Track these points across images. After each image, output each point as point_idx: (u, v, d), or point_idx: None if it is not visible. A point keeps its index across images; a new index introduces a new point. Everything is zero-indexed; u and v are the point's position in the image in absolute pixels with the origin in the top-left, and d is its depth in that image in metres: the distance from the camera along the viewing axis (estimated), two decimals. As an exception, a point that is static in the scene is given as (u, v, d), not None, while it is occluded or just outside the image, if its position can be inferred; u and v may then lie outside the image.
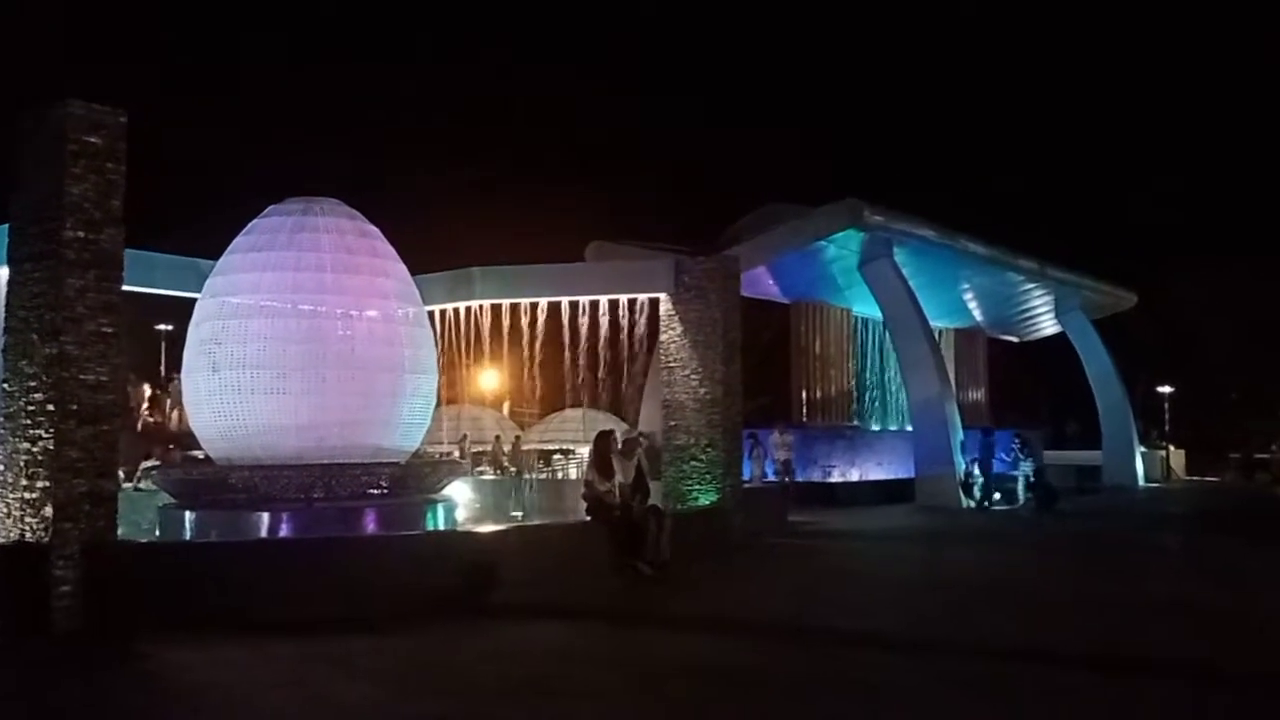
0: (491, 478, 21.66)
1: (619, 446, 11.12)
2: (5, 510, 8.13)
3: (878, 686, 6.09)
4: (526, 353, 16.18)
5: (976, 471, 20.81)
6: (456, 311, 14.86)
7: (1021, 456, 21.20)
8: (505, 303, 14.94)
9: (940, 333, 28.02)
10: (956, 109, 56.09)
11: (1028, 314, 31.46)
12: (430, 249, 16.03)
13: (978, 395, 31.25)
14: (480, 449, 26.81)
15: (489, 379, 33.74)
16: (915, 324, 22.24)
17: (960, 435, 21.34)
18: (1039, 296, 29.67)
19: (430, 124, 50.12)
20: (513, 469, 23.35)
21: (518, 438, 27.38)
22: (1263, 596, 9.59)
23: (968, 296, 28.34)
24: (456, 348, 15.07)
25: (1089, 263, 30.38)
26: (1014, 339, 34.39)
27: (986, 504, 20.37)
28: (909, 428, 23.84)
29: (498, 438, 26.95)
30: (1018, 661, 6.76)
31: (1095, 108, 58.70)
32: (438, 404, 13.23)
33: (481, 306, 14.89)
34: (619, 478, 10.70)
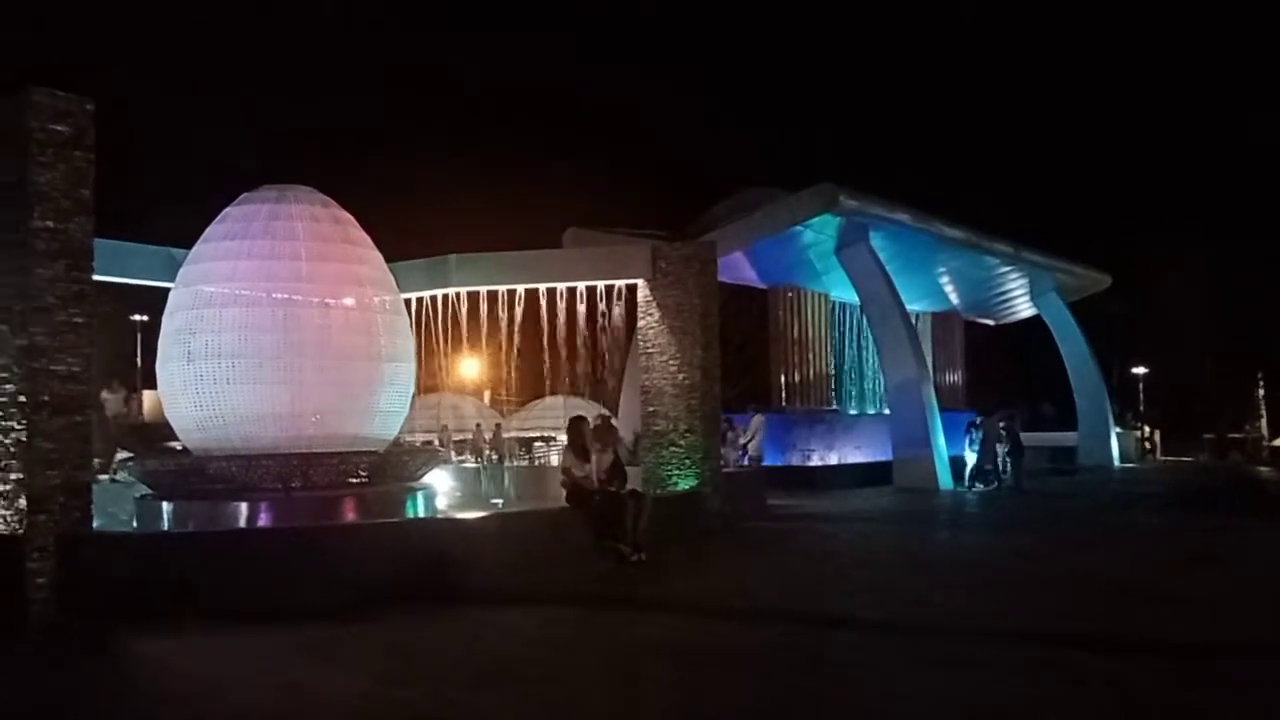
0: (472, 465, 21.66)
1: (592, 432, 11.13)
2: (-22, 503, 8.08)
3: (851, 665, 6.18)
4: (505, 340, 16.16)
5: (977, 452, 20.92)
6: (434, 299, 14.82)
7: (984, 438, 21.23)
8: (483, 290, 14.91)
9: (917, 316, 28.21)
10: (931, 95, 56.29)
11: (1003, 297, 31.69)
12: (405, 236, 15.99)
13: (954, 378, 31.48)
14: (461, 437, 26.79)
15: (468, 367, 33.69)
16: (892, 308, 22.35)
17: (938, 417, 21.52)
18: (1014, 280, 29.88)
19: (403, 109, 49.83)
20: (494, 456, 23.37)
21: (498, 425, 27.38)
22: (1218, 575, 9.77)
23: (944, 280, 28.51)
24: (434, 335, 15.04)
25: (1063, 245, 30.68)
26: (990, 322, 34.64)
27: (980, 485, 20.54)
28: (886, 411, 24.00)
29: (478, 425, 26.93)
30: (991, 640, 6.87)
31: (1071, 94, 59.05)
32: (417, 392, 13.21)
33: (459, 294, 14.85)
34: (595, 462, 10.73)
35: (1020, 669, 6.05)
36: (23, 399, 7.82)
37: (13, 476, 7.82)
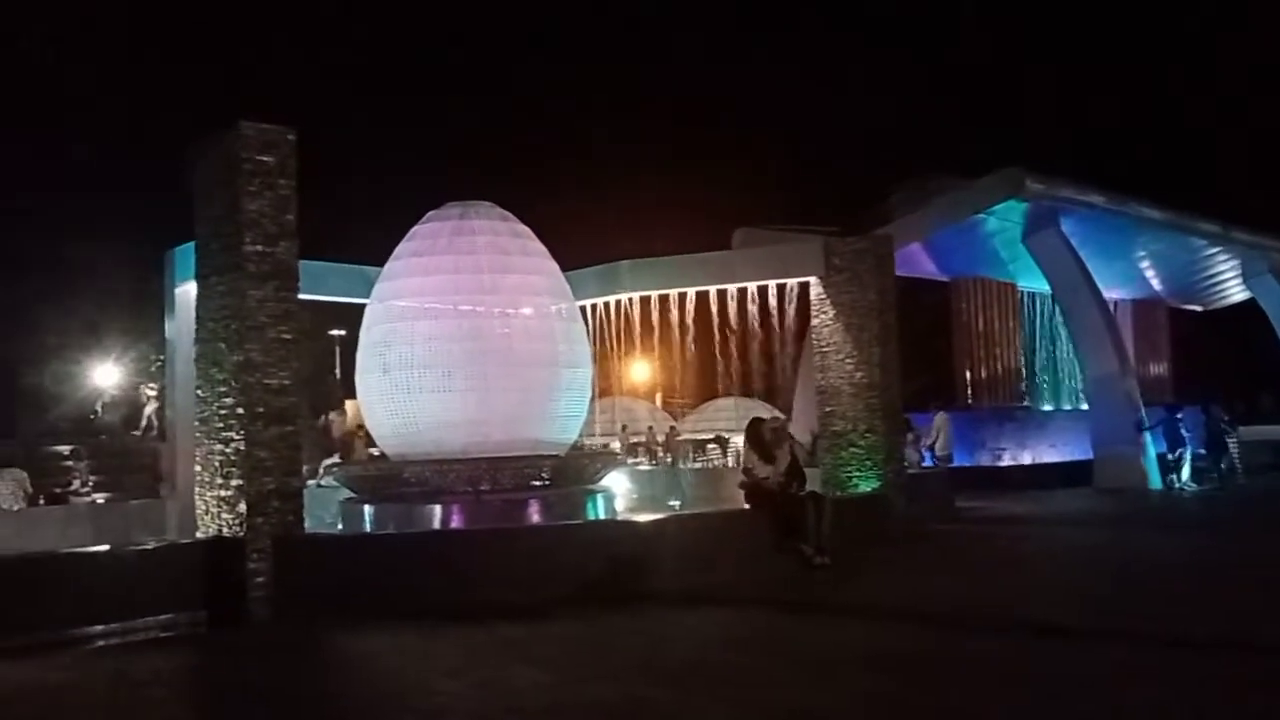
0: (648, 468, 21.90)
1: (769, 435, 10.97)
2: (204, 508, 8.82)
3: (1059, 677, 5.79)
4: (677, 343, 16.22)
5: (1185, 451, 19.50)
6: (607, 305, 15.04)
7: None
8: (654, 294, 15.00)
9: (1115, 304, 26.38)
10: (1119, 65, 52.59)
11: (1212, 280, 29.19)
12: (579, 244, 16.31)
13: (1159, 369, 29.27)
14: (637, 439, 27.18)
15: (641, 370, 34.14)
16: (1087, 296, 21.02)
17: (1143, 412, 20.07)
18: (1223, 261, 27.47)
19: (573, 120, 50.96)
20: (667, 458, 23.55)
21: (672, 427, 27.58)
22: None
23: (1144, 265, 26.56)
24: (608, 341, 15.26)
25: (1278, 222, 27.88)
26: (1198, 308, 32.02)
27: (1194, 485, 19.15)
28: (1084, 407, 22.60)
29: (650, 428, 27.25)
30: (1214, 651, 6.30)
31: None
32: (593, 396, 13.46)
33: (631, 299, 15.00)
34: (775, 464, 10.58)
35: (1248, 681, 5.51)
36: (240, 411, 8.46)
37: (234, 483, 8.47)
